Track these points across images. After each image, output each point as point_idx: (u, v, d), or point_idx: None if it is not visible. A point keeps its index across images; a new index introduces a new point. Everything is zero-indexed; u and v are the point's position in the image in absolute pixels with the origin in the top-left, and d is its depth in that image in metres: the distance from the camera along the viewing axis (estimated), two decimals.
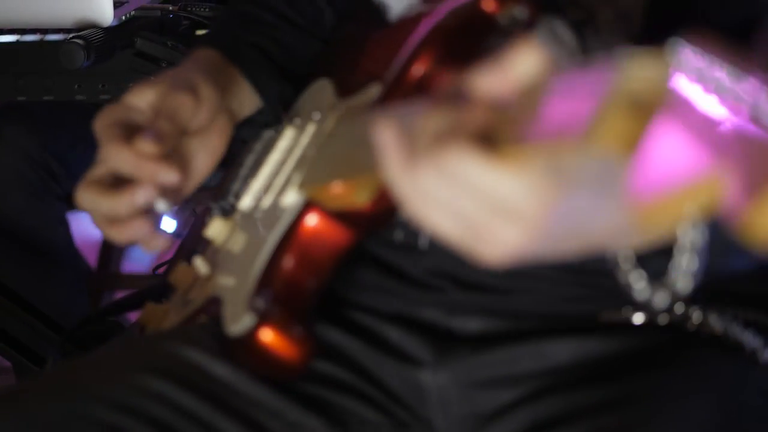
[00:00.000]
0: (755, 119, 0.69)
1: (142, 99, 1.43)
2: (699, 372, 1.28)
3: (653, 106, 0.75)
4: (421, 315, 1.41)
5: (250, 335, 1.30)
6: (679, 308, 1.32)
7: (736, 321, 1.32)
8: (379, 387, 1.40)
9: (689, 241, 0.99)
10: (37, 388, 1.39)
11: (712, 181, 0.70)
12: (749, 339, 1.31)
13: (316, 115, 1.45)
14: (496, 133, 0.88)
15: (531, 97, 0.87)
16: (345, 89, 1.45)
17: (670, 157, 0.73)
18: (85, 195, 1.39)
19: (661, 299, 1.03)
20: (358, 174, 1.18)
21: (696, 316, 1.32)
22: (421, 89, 1.26)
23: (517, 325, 1.36)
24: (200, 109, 1.46)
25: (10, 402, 1.35)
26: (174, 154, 1.40)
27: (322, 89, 1.51)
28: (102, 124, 1.41)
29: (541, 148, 0.83)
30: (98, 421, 1.29)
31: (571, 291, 1.33)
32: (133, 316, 1.70)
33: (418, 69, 1.27)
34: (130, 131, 1.39)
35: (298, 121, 1.50)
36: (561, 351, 1.32)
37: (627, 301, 1.31)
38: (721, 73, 0.72)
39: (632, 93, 0.77)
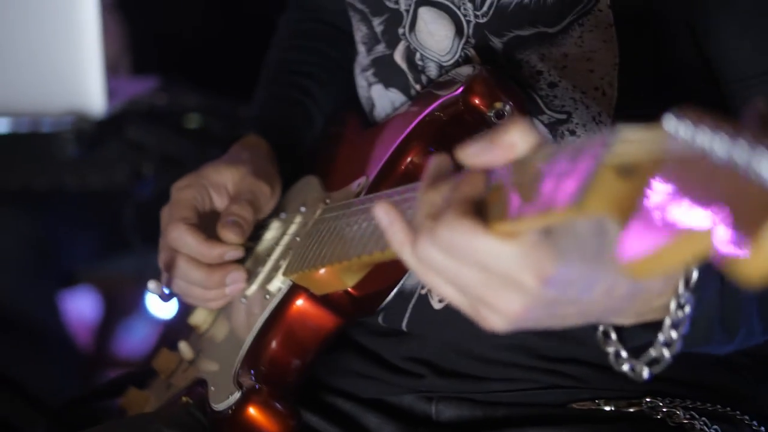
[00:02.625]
0: (750, 175, 0.70)
1: (223, 177, 1.50)
2: None
3: (646, 168, 0.77)
4: (400, 402, 1.45)
5: (236, 411, 1.34)
6: (647, 399, 1.36)
7: (702, 414, 1.36)
8: None
9: (675, 315, 1.03)
10: None
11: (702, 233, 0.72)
12: None
13: (302, 208, 1.50)
14: (488, 206, 0.92)
15: (524, 170, 0.89)
16: (332, 184, 1.50)
17: (660, 215, 0.74)
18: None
19: (641, 370, 1.06)
20: (343, 260, 1.22)
21: (664, 407, 1.35)
22: (408, 179, 1.30)
23: (492, 413, 1.40)
24: (273, 201, 1.53)
25: None
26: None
27: (309, 185, 1.56)
28: (180, 198, 1.48)
29: (535, 221, 0.86)
30: None
31: (543, 379, 1.37)
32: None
33: (406, 160, 1.34)
34: (199, 214, 1.47)
35: (284, 215, 1.54)
36: None
37: (597, 390, 1.35)
38: (713, 136, 0.74)
39: (624, 158, 0.80)
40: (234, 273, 1.45)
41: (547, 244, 0.90)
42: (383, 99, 1.53)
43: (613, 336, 1.08)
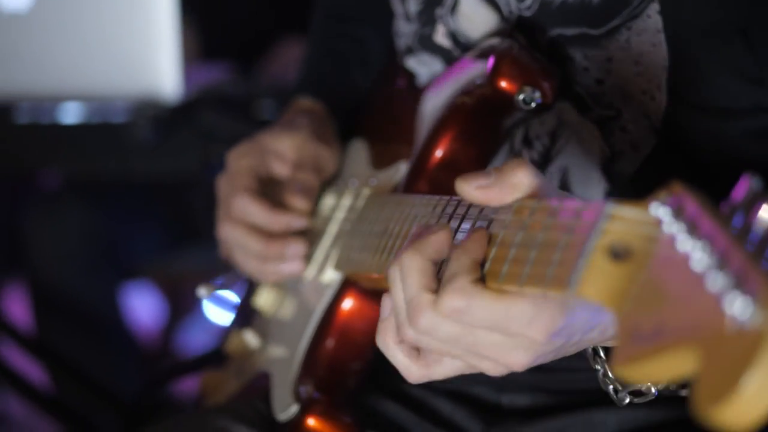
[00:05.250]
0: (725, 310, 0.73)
1: (283, 145, 1.49)
2: None
3: (636, 259, 0.82)
4: (471, 391, 1.44)
5: (297, 423, 1.34)
6: None
7: None
8: None
9: None
10: None
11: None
12: None
13: (353, 182, 1.50)
14: (490, 263, 0.97)
15: (525, 229, 0.95)
16: (377, 159, 1.51)
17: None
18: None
19: (623, 397, 1.15)
20: (381, 273, 1.22)
21: None
22: (442, 168, 1.31)
23: (566, 399, 1.39)
24: (334, 162, 1.54)
25: None
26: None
27: (358, 153, 1.56)
28: (239, 167, 1.47)
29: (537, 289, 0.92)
30: None
31: None
32: (188, 385, 1.71)
33: (439, 150, 1.32)
34: (261, 181, 1.47)
35: (337, 184, 1.55)
36: (609, 420, 1.35)
37: None
38: (695, 241, 0.77)
39: (615, 239, 0.85)
40: (294, 245, 1.44)
41: (555, 301, 0.94)
42: (422, 68, 1.51)
43: (602, 354, 1.13)
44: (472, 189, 1.01)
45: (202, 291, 1.53)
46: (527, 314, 0.94)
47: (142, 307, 3.36)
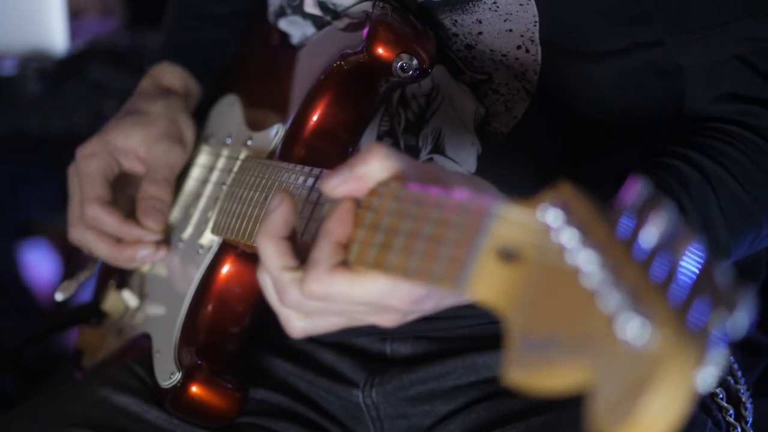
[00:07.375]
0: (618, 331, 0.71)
1: (132, 142, 1.47)
2: None
3: (526, 263, 0.81)
4: (356, 342, 1.46)
5: (179, 390, 1.34)
6: None
7: None
8: (313, 407, 1.45)
9: None
10: None
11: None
12: None
13: (228, 140, 1.49)
14: (362, 249, 0.98)
15: (394, 215, 0.95)
16: (253, 118, 1.49)
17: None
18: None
19: None
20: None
21: None
22: (319, 133, 1.32)
23: (449, 346, 1.41)
24: (187, 155, 1.52)
25: None
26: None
27: (233, 110, 1.54)
28: (89, 170, 1.45)
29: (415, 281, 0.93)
30: None
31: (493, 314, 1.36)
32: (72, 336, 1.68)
33: (315, 115, 1.32)
34: (111, 184, 1.45)
35: (212, 141, 1.54)
36: (492, 362, 1.36)
37: None
38: (572, 234, 0.77)
39: (504, 241, 0.84)
40: (143, 251, 1.44)
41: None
42: (295, 29, 1.51)
43: None
44: (330, 191, 1.02)
45: (59, 295, 1.53)
46: (385, 291, 0.97)
47: (38, 265, 3.31)
